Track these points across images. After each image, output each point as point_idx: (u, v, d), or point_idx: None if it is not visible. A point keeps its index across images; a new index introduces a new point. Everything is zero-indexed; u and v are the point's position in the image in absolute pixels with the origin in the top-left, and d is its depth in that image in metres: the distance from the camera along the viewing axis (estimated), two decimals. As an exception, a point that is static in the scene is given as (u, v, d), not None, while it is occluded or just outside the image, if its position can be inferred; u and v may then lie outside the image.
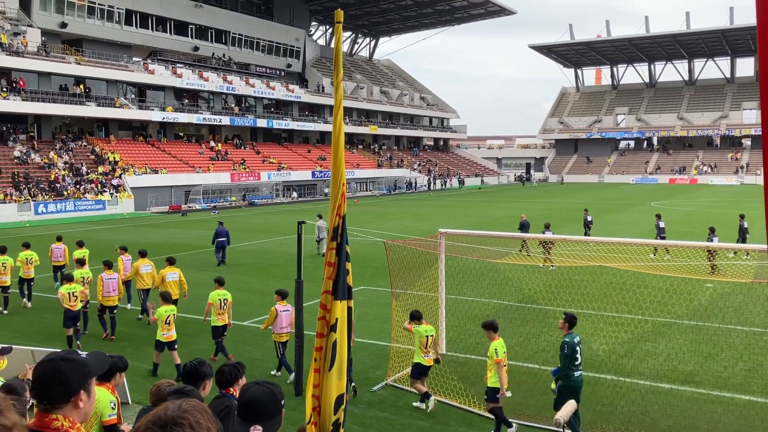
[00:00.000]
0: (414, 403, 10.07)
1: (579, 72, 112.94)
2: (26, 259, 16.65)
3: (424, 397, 9.85)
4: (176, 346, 11.47)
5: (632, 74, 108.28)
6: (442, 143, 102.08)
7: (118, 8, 57.95)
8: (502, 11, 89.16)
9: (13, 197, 40.84)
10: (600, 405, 9.81)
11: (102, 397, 5.67)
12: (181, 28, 65.16)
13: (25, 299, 16.74)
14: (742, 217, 23.91)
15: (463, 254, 14.09)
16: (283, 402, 3.19)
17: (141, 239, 30.46)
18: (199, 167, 55.52)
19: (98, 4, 56.34)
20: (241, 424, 3.05)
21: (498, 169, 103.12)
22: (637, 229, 31.72)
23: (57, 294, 14.02)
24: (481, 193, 70.56)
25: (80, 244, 17.64)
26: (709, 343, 12.17)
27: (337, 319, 3.64)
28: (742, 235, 23.45)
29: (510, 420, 9.07)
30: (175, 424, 1.86)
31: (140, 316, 15.48)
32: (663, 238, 24.26)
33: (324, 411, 3.52)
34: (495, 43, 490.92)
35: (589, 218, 27.38)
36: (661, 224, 24.70)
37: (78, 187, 45.33)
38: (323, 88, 79.99)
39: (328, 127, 76.36)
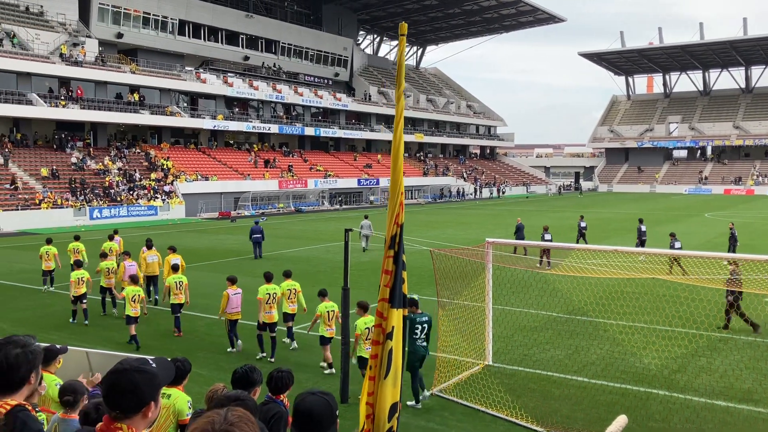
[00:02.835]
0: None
1: (630, 80, 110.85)
2: (74, 248, 19.50)
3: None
4: (138, 321, 13.76)
5: (685, 82, 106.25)
6: (488, 151, 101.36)
7: (171, 19, 59.49)
8: (552, 19, 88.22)
9: (70, 202, 42.19)
10: (652, 421, 9.54)
11: (180, 397, 5.84)
12: (232, 38, 66.48)
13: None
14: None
15: (510, 264, 13.93)
16: (337, 412, 3.18)
17: (191, 244, 31.07)
18: (249, 174, 56.42)
19: (153, 14, 57.95)
20: None
21: (546, 177, 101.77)
22: (693, 239, 30.84)
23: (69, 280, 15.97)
24: (528, 202, 69.77)
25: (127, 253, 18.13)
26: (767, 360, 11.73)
27: (393, 327, 3.63)
28: None
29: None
30: None
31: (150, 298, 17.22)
32: (643, 241, 25.75)
33: (378, 419, 3.51)
34: (544, 50, 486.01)
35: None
36: (643, 228, 26.00)
37: (131, 192, 46.56)
38: (370, 96, 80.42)
39: (374, 136, 76.75)
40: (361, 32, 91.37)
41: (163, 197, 47.61)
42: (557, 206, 59.95)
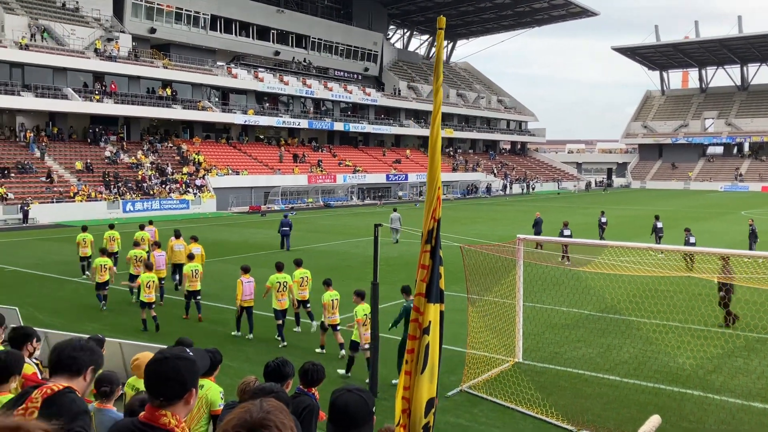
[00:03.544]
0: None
1: (665, 75, 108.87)
2: (110, 237, 20.49)
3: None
4: (154, 306, 14.63)
5: (722, 77, 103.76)
6: (519, 147, 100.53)
7: (203, 14, 60.04)
8: (585, 12, 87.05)
9: (104, 195, 42.91)
10: (686, 422, 9.36)
11: (213, 388, 5.90)
12: (263, 33, 66.87)
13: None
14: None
15: (542, 261, 13.79)
16: (374, 409, 3.15)
17: (221, 238, 31.39)
18: (278, 169, 56.77)
19: (185, 10, 58.55)
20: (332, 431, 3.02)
21: (578, 174, 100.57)
22: (729, 238, 30.23)
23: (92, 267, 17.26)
24: (559, 198, 69.07)
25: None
26: (807, 361, 11.44)
27: (430, 322, 3.60)
28: None
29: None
30: (262, 426, 1.87)
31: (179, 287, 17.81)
32: (660, 238, 25.92)
33: (414, 414, 3.49)
34: (576, 45, 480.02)
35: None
36: (659, 224, 26.04)
37: (163, 186, 47.17)
38: (399, 91, 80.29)
39: (403, 131, 76.62)
40: (391, 27, 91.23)
41: (195, 191, 48.15)
42: (587, 202, 59.22)
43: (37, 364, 5.68)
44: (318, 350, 12.85)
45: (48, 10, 50.56)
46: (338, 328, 12.61)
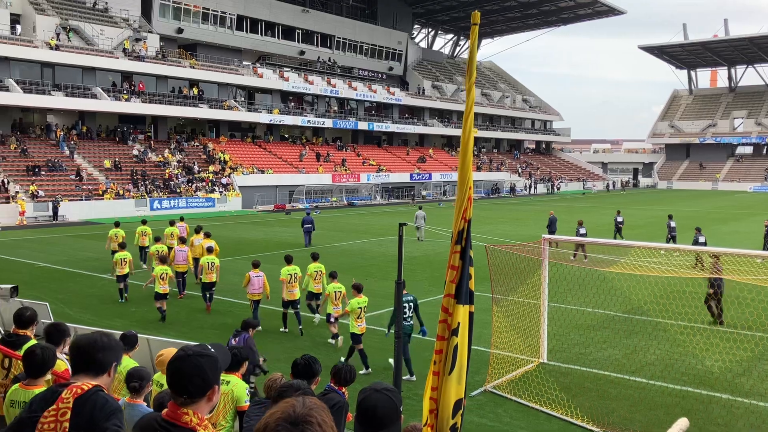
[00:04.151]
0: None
1: (693, 74, 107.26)
2: (142, 231, 21.69)
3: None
4: (167, 297, 15.24)
5: (752, 76, 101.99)
6: (544, 146, 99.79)
7: (230, 14, 60.55)
8: (611, 11, 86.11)
9: (131, 193, 43.50)
10: (713, 425, 9.24)
11: (238, 384, 5.96)
12: (288, 32, 67.24)
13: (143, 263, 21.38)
14: None
15: (567, 261, 13.70)
16: (401, 408, 3.14)
17: (247, 236, 31.64)
18: (303, 168, 57.07)
19: (212, 10, 59.11)
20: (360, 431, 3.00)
21: (603, 174, 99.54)
22: (754, 239, 29.72)
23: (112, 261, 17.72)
24: (584, 198, 68.45)
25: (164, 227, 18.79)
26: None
27: (459, 323, 3.60)
28: None
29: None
30: (305, 422, 1.92)
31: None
32: (674, 237, 26.21)
33: (442, 414, 3.50)
34: (602, 43, 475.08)
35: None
36: (672, 224, 26.28)
37: (190, 184, 47.68)
38: (423, 90, 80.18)
39: (427, 130, 76.51)
40: (416, 26, 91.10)
41: (221, 189, 48.59)
42: (614, 203, 58.57)
43: (68, 360, 5.81)
44: (330, 340, 13.24)
45: (78, 10, 51.35)
46: (339, 319, 13.06)
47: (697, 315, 13.44)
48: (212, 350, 2.61)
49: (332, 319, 13.06)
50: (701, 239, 22.34)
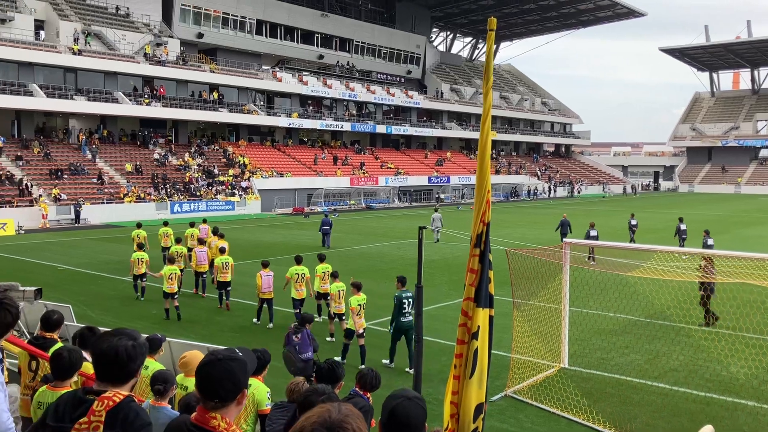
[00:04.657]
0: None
1: (714, 76, 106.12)
2: (164, 233, 22.22)
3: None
4: (176, 296, 15.57)
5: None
6: (563, 149, 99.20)
7: (249, 19, 60.97)
8: (631, 13, 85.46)
9: (152, 196, 43.90)
10: (739, 433, 9.11)
11: (260, 387, 5.96)
12: (307, 37, 67.56)
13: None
14: None
15: (588, 265, 13.58)
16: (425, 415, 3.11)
17: (266, 239, 31.78)
18: (321, 171, 57.23)
19: (232, 15, 59.55)
20: None
21: (624, 177, 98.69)
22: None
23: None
24: (604, 202, 67.91)
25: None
26: None
27: (479, 327, 3.58)
28: None
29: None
30: (341, 428, 1.94)
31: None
32: (684, 240, 26.26)
33: (463, 419, 3.48)
34: (622, 46, 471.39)
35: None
36: (683, 226, 26.33)
37: (210, 188, 48.02)
38: (442, 94, 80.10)
39: (445, 133, 76.42)
40: (435, 29, 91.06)
41: (240, 193, 48.88)
42: (634, 206, 58.04)
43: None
44: (328, 338, 13.63)
45: (100, 16, 51.98)
46: (343, 317, 13.29)
47: (722, 320, 13.26)
48: (240, 354, 2.63)
49: (332, 314, 13.64)
50: (710, 242, 22.40)
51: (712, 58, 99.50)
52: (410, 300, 11.70)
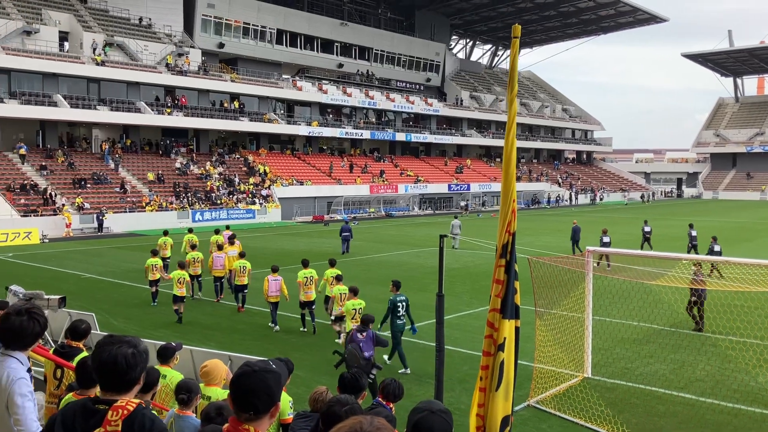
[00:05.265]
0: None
1: (738, 81, 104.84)
2: (189, 240, 21.84)
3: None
4: (184, 300, 16.15)
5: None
6: (585, 156, 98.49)
7: (270, 28, 61.46)
8: (653, 19, 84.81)
9: (174, 205, 44.28)
10: (768, 445, 8.91)
11: (283, 397, 5.93)
12: (327, 46, 67.94)
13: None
14: None
15: (611, 274, 13.43)
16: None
17: (286, 247, 31.88)
18: (341, 179, 57.39)
19: (252, 25, 60.07)
20: None
21: (646, 184, 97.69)
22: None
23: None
24: (626, 209, 67.26)
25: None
26: None
27: (505, 339, 3.53)
28: None
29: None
30: None
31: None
32: (695, 246, 26.33)
33: (489, 431, 3.43)
34: (644, 52, 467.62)
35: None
36: (693, 233, 26.47)
37: (231, 196, 48.34)
38: (461, 101, 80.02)
39: (465, 140, 76.27)
40: (454, 37, 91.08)
41: (261, 201, 49.15)
42: (657, 213, 57.42)
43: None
44: (337, 340, 13.89)
45: (123, 27, 52.71)
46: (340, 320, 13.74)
47: (749, 330, 13.02)
48: (274, 366, 2.62)
49: (332, 317, 14.21)
50: (716, 248, 22.48)
51: (735, 64, 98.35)
52: (404, 303, 12.27)
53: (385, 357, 12.62)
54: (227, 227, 24.94)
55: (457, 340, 13.99)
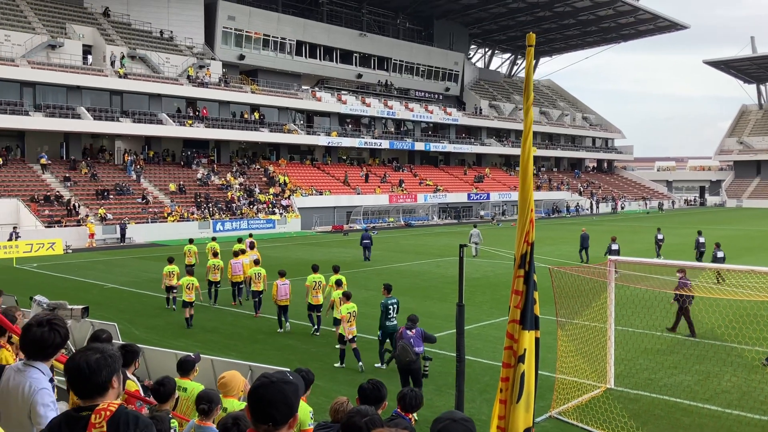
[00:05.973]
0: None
1: (762, 88, 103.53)
2: (212, 248, 22.93)
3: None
4: (193, 305, 16.64)
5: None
6: (605, 165, 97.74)
7: (289, 40, 61.95)
8: (674, 26, 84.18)
9: (195, 216, 44.64)
10: (797, 459, 8.71)
11: (303, 407, 5.90)
12: (346, 56, 68.30)
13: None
14: None
15: (634, 283, 13.28)
16: None
17: (306, 257, 31.93)
18: (359, 187, 57.51)
19: (272, 36, 60.60)
20: None
21: (668, 192, 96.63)
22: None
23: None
24: (647, 217, 66.54)
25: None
26: None
27: (525, 350, 3.49)
28: None
29: None
30: None
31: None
32: (702, 253, 26.54)
33: None
34: (665, 59, 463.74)
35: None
36: (701, 239, 26.58)
37: (251, 207, 48.63)
38: (480, 110, 79.90)
39: (484, 150, 76.08)
40: (473, 46, 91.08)
41: (281, 211, 49.38)
42: (679, 222, 56.72)
43: (137, 380, 5.91)
44: (337, 346, 13.85)
45: (145, 40, 53.43)
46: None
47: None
48: (292, 377, 2.61)
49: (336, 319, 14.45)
50: (719, 254, 22.63)
51: (759, 70, 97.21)
52: (394, 306, 12.59)
53: (377, 365, 12.94)
54: (250, 235, 25.90)
55: (477, 350, 13.89)
